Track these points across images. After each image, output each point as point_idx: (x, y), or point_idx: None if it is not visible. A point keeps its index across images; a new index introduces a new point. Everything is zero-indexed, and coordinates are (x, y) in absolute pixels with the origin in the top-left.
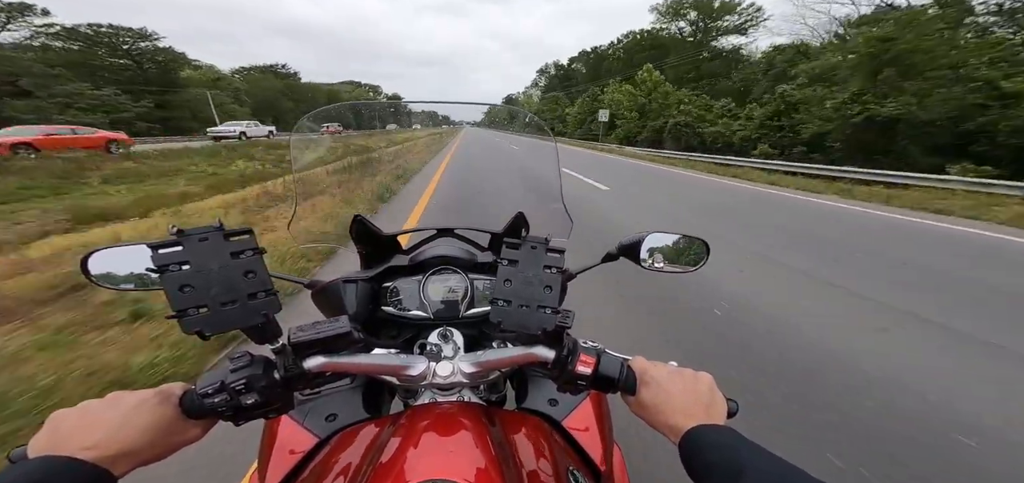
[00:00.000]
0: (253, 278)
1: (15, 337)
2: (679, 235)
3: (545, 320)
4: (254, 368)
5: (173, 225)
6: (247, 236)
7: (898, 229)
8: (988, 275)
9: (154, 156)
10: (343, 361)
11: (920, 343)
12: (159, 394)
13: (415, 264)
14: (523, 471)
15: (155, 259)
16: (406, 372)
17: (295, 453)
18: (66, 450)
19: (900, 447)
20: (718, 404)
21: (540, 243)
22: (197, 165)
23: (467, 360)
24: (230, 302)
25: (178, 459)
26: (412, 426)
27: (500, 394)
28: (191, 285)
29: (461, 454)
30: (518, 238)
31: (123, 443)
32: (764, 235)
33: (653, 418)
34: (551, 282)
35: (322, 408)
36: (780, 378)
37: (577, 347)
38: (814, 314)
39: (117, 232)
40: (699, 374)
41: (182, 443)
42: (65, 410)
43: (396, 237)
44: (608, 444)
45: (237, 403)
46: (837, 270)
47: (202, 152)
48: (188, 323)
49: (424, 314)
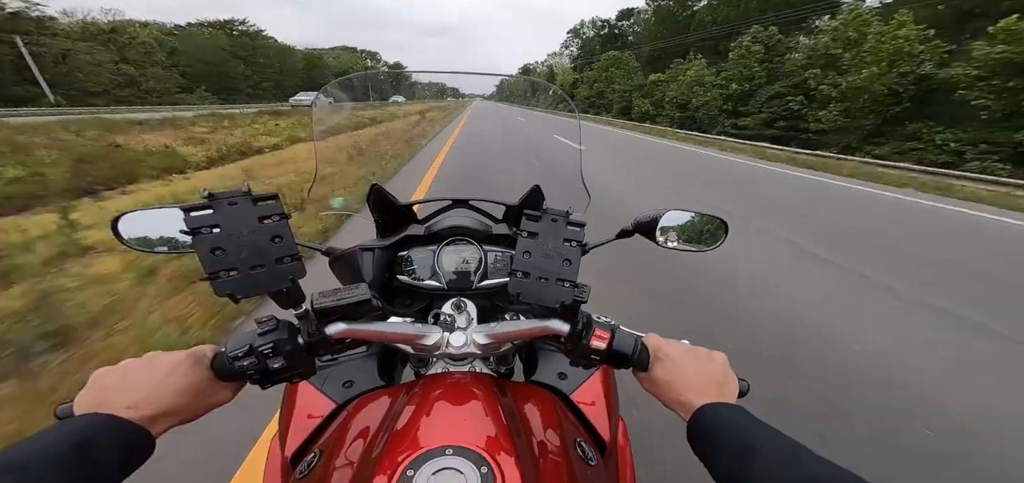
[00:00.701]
0: (280, 243)
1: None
2: (697, 213)
3: (563, 293)
4: (280, 333)
5: (204, 189)
6: (274, 201)
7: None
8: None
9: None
10: (362, 328)
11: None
12: (192, 356)
13: (430, 234)
14: (533, 440)
15: (188, 222)
16: (421, 341)
17: (313, 418)
18: (109, 408)
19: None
20: (730, 383)
21: (561, 216)
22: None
23: (481, 331)
24: (258, 266)
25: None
26: (426, 394)
27: (509, 367)
28: (222, 248)
29: (474, 422)
30: (537, 210)
31: (161, 403)
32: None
33: (665, 395)
34: (570, 256)
35: (339, 375)
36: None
37: (592, 322)
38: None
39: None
40: (713, 353)
41: (213, 404)
42: (107, 368)
43: (412, 207)
44: (614, 419)
45: (264, 367)
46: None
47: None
48: (219, 285)
49: (438, 284)
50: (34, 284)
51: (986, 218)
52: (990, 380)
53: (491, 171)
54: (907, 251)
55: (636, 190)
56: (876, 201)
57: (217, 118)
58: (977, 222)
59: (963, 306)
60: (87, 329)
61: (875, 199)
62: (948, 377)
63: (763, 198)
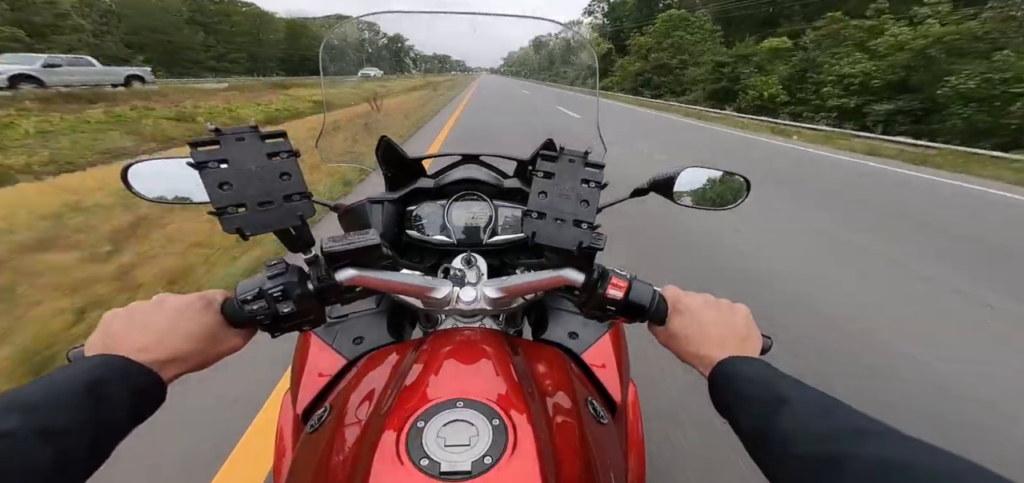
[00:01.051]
0: (288, 180)
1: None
2: (719, 171)
3: (581, 235)
4: (289, 276)
5: (210, 122)
6: (281, 139)
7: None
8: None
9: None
10: (372, 275)
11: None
12: (202, 299)
13: (440, 188)
14: (545, 397)
15: (194, 156)
16: (431, 294)
17: (324, 375)
18: (120, 350)
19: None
20: (754, 338)
21: (578, 157)
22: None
23: (491, 285)
24: (267, 203)
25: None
26: (436, 349)
27: (517, 328)
28: (229, 183)
29: (485, 377)
30: (554, 152)
31: (171, 348)
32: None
33: (683, 349)
34: (588, 197)
35: (349, 331)
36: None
37: (607, 272)
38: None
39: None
40: (735, 305)
41: (225, 351)
42: (117, 310)
43: (421, 161)
44: (625, 379)
45: (274, 311)
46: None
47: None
48: (228, 221)
49: (447, 239)
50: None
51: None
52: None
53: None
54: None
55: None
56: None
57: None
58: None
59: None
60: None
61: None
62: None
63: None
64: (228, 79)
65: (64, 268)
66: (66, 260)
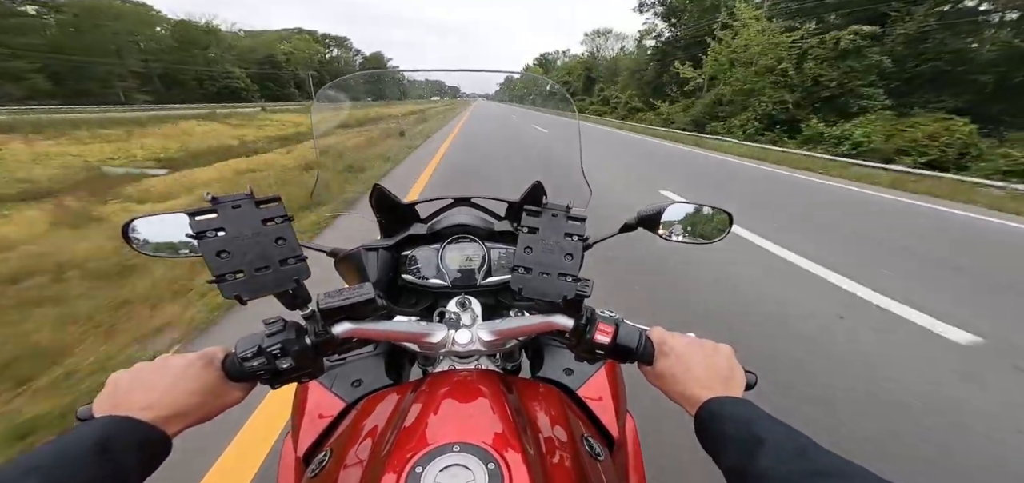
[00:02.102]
0: (284, 244)
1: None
2: (701, 205)
3: (565, 288)
4: (287, 333)
5: (207, 192)
6: (276, 204)
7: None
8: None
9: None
10: (368, 327)
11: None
12: (203, 357)
13: (433, 232)
14: (540, 436)
15: (193, 226)
16: (426, 339)
17: (324, 417)
18: (127, 410)
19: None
20: (737, 376)
21: (561, 211)
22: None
23: (486, 328)
24: (264, 268)
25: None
26: (433, 392)
27: (515, 363)
28: (227, 251)
29: (481, 419)
30: (538, 206)
31: (175, 405)
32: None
33: (670, 388)
34: (572, 250)
35: (348, 374)
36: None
37: (595, 316)
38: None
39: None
40: (719, 345)
41: (225, 405)
42: (123, 372)
43: (414, 206)
44: (622, 413)
45: (273, 367)
46: None
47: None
48: (227, 288)
49: (442, 282)
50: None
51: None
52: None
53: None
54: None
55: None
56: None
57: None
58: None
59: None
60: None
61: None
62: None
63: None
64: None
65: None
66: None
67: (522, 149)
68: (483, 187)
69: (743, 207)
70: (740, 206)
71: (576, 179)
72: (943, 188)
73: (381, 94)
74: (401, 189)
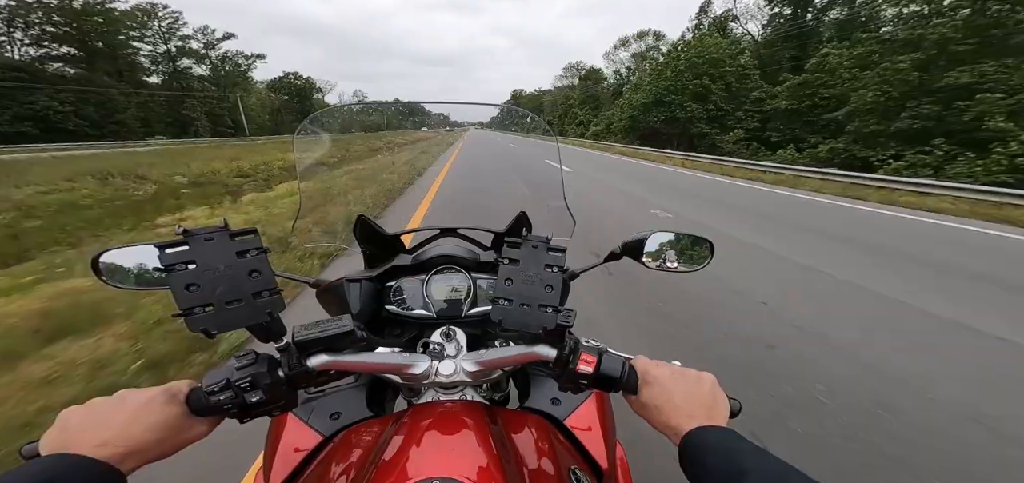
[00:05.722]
0: (258, 277)
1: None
2: (683, 234)
3: (546, 319)
4: (259, 366)
5: (179, 225)
6: (252, 236)
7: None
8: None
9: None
10: (346, 359)
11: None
12: (166, 392)
13: (418, 263)
14: (525, 470)
15: (162, 259)
16: (409, 371)
17: (300, 451)
18: (77, 448)
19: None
20: (720, 405)
21: (541, 242)
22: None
23: (470, 359)
24: (235, 301)
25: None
26: (415, 424)
27: (503, 393)
28: (197, 284)
29: (463, 452)
30: (520, 237)
31: (131, 441)
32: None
33: (654, 418)
34: (552, 281)
35: (326, 407)
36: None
37: (578, 346)
38: None
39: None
40: (702, 374)
41: (189, 440)
42: (75, 408)
43: (399, 237)
44: (611, 443)
45: (242, 401)
46: None
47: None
48: (193, 321)
49: (427, 313)
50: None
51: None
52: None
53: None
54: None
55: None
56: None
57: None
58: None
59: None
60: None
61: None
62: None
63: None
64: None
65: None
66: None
67: (507, 174)
68: (475, 215)
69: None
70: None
71: (560, 210)
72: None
73: (371, 126)
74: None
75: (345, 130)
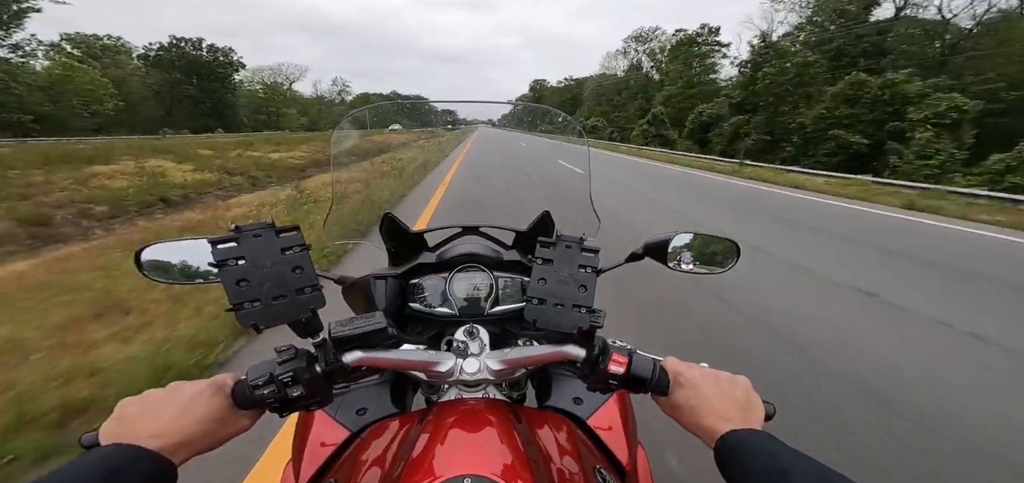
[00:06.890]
0: (300, 274)
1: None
2: (706, 234)
3: (580, 319)
4: (299, 361)
5: (233, 222)
6: (295, 233)
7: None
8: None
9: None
10: (378, 356)
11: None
12: (213, 385)
13: (441, 261)
14: (551, 467)
15: (215, 254)
16: (435, 368)
17: (327, 446)
18: (133, 438)
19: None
20: (755, 407)
21: (575, 243)
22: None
23: (495, 357)
24: (280, 297)
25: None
26: (441, 421)
27: (521, 392)
28: (247, 279)
29: (490, 449)
30: (549, 237)
31: (183, 433)
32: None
33: (687, 420)
34: (586, 281)
35: (352, 402)
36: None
37: (608, 347)
38: None
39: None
40: (735, 377)
41: (233, 433)
42: (131, 398)
43: (423, 235)
44: (633, 444)
45: (284, 395)
46: None
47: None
48: (244, 316)
49: (450, 311)
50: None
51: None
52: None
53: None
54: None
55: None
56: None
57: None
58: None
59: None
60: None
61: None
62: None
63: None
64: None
65: None
66: None
67: (525, 168)
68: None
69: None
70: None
71: (585, 209)
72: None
73: (400, 122)
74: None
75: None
